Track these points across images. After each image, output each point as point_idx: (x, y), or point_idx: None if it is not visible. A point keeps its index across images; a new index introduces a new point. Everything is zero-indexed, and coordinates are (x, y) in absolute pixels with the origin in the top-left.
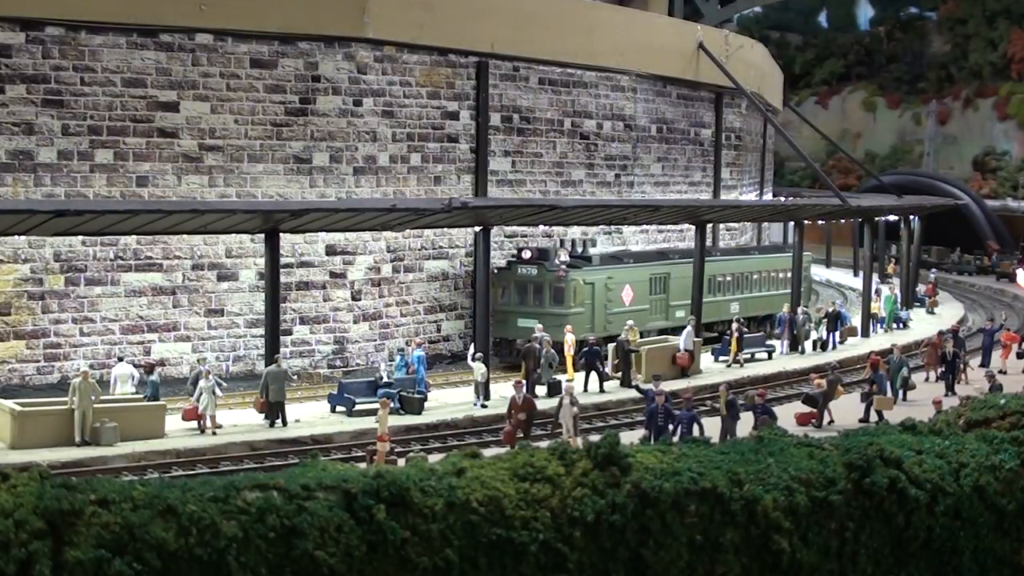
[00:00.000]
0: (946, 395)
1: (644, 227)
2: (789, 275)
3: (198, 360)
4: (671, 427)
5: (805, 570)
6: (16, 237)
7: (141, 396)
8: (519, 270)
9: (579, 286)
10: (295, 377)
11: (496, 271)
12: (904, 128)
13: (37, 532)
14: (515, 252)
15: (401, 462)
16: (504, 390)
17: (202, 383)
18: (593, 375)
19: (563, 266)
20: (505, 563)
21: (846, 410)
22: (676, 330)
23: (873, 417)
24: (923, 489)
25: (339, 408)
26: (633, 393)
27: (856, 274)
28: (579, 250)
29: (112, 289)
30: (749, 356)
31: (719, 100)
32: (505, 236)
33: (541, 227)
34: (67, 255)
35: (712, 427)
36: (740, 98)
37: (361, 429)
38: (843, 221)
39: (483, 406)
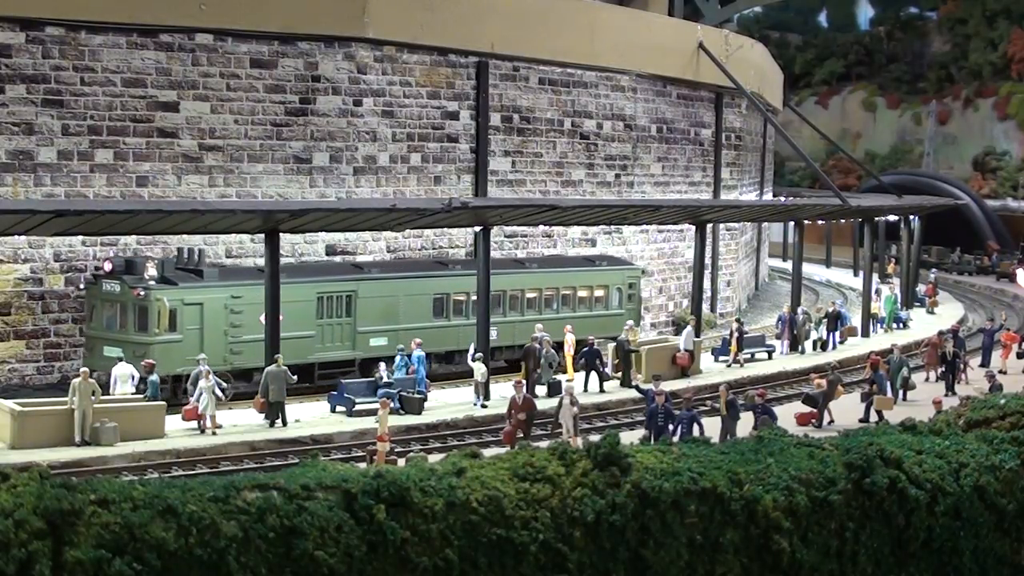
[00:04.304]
0: (946, 395)
1: (644, 227)
2: (606, 293)
3: (198, 360)
4: (671, 427)
5: (805, 570)
6: (16, 237)
7: (141, 396)
8: (104, 286)
9: (164, 308)
10: (295, 377)
11: (83, 286)
12: (904, 128)
13: (37, 532)
14: (98, 265)
15: (401, 462)
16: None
17: (202, 383)
18: (593, 375)
19: (151, 282)
20: (505, 563)
21: (846, 410)
22: (370, 360)
23: (873, 417)
24: (923, 489)
25: (339, 408)
26: (633, 393)
27: (856, 274)
28: (196, 260)
29: None
30: (749, 356)
31: (719, 100)
32: (505, 236)
33: (540, 227)
34: (67, 255)
35: (712, 427)
36: (740, 98)
37: (361, 429)
38: (843, 221)
39: (483, 406)
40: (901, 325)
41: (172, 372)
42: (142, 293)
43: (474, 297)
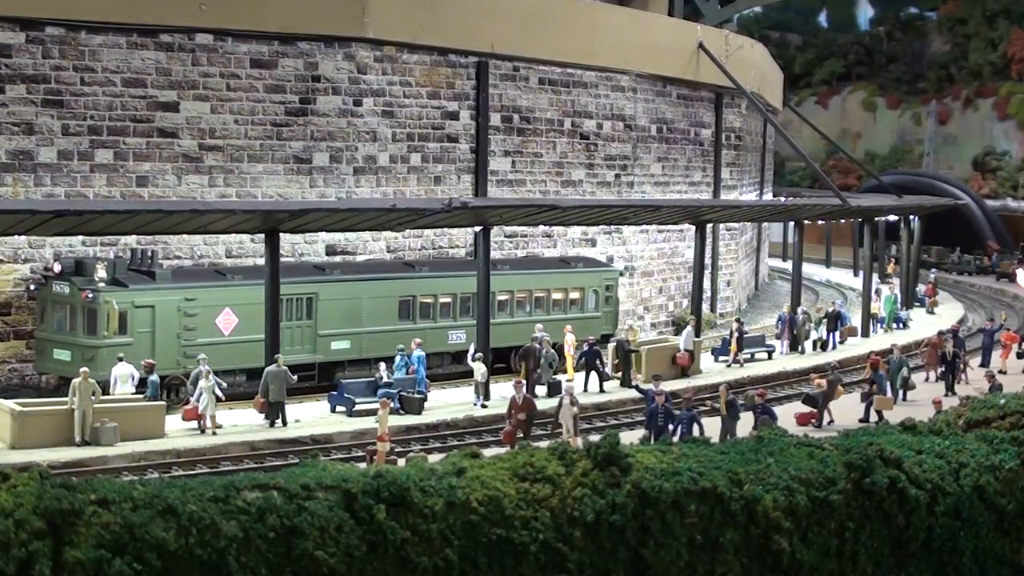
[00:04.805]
0: (946, 395)
1: (644, 227)
2: (582, 295)
3: (198, 360)
4: (671, 427)
5: (805, 570)
6: (16, 237)
7: (141, 396)
8: (53, 288)
9: (113, 310)
10: (295, 377)
11: (34, 288)
12: (904, 128)
13: (37, 532)
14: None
15: (401, 462)
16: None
17: (202, 383)
18: (593, 375)
19: (100, 283)
20: (505, 563)
21: (846, 410)
22: (330, 364)
23: (873, 417)
24: (923, 489)
25: (339, 408)
26: (633, 393)
27: (856, 274)
28: (149, 262)
29: None
30: (749, 356)
31: (719, 100)
32: (505, 236)
33: (540, 227)
34: (67, 255)
35: (712, 427)
36: (740, 98)
37: (361, 429)
38: (843, 221)
39: (483, 406)
40: (901, 325)
41: (127, 374)
42: (90, 295)
43: (442, 300)
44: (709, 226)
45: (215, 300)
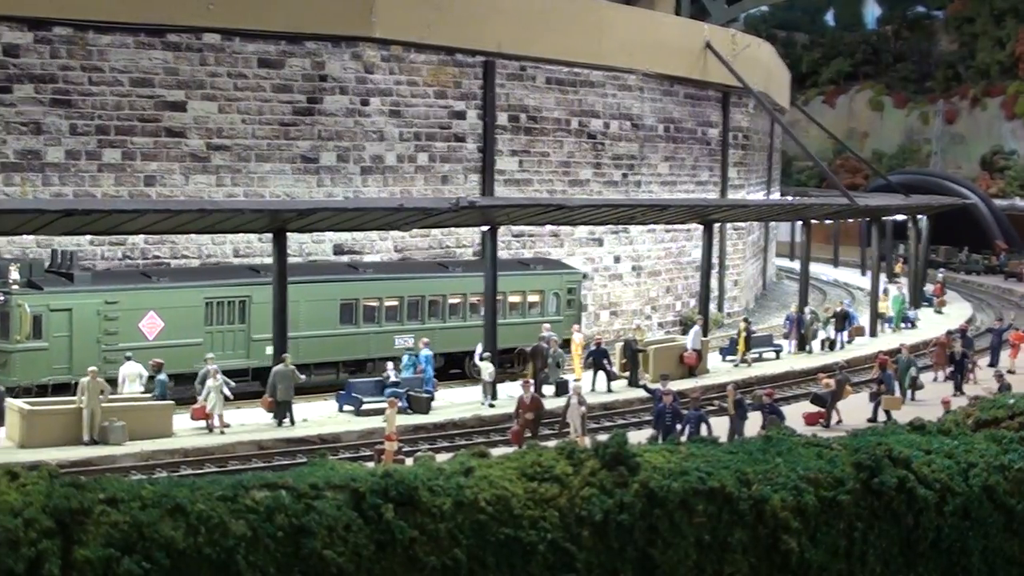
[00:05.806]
0: (954, 395)
1: (651, 227)
2: (541, 298)
3: (205, 359)
4: (679, 427)
5: (814, 570)
6: (24, 236)
7: (149, 395)
8: None
9: (26, 314)
10: (303, 377)
11: None
12: (911, 127)
13: (46, 531)
14: None
15: (409, 461)
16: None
17: (210, 382)
18: (601, 374)
19: (13, 286)
20: (513, 562)
21: (854, 410)
22: (264, 369)
23: (881, 417)
24: (932, 489)
25: (347, 407)
26: (641, 393)
27: (864, 274)
28: (68, 264)
29: None
30: (757, 356)
31: (726, 99)
32: (512, 236)
33: (548, 227)
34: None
35: (720, 427)
36: (747, 97)
37: (369, 428)
38: (851, 221)
39: (491, 405)
40: (909, 325)
41: (36, 382)
42: (2, 298)
43: (388, 303)
44: (716, 226)
45: (138, 303)
